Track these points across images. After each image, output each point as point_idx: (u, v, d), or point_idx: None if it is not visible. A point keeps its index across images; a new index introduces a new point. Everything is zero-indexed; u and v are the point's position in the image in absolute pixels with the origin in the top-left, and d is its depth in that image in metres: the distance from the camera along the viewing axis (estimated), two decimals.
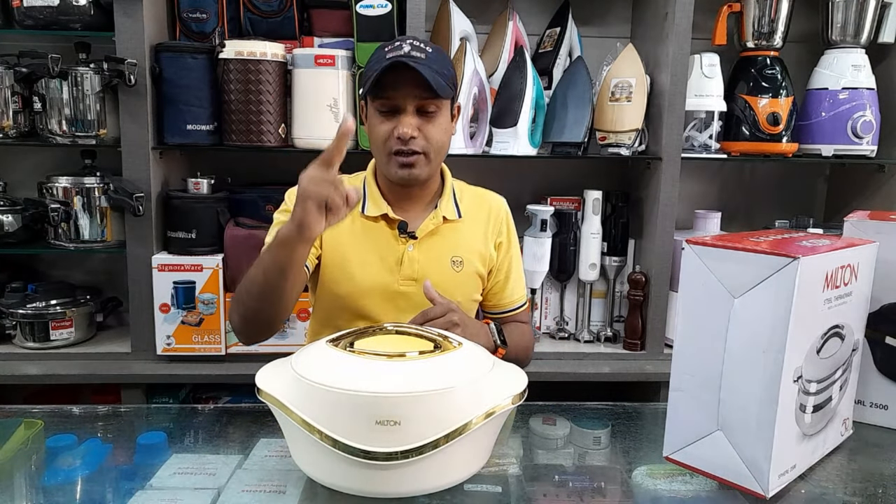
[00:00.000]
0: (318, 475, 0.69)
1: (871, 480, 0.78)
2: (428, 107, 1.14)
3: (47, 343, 1.72)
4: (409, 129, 1.13)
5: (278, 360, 0.76)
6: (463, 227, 1.27)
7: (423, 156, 1.16)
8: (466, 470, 0.70)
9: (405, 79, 1.11)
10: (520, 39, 1.87)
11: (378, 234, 1.23)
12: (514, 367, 0.77)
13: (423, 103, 1.14)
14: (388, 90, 1.13)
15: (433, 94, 1.12)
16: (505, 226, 1.32)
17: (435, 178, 1.26)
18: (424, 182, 1.22)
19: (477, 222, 1.29)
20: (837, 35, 1.83)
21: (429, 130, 1.15)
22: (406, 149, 1.14)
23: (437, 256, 1.24)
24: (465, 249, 1.26)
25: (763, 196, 2.14)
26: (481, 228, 1.29)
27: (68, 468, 0.75)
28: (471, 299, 1.29)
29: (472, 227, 1.28)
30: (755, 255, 0.66)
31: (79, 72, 1.63)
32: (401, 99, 1.13)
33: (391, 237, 1.22)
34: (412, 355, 0.70)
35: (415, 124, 1.14)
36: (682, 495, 0.73)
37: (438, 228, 1.24)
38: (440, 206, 1.24)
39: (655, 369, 1.78)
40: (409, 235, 1.22)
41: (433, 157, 1.18)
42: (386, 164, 1.18)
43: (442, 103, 1.16)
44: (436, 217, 1.23)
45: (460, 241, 1.26)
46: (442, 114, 1.17)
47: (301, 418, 0.65)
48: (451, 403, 0.66)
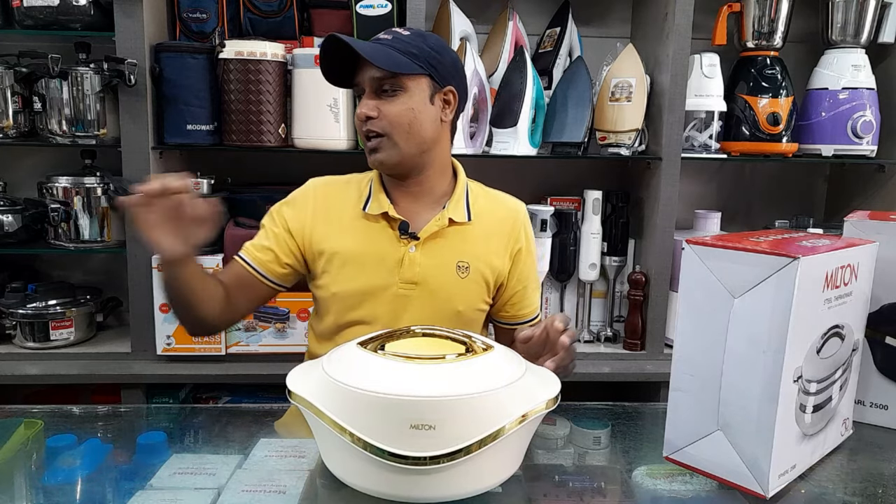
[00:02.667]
0: (348, 478, 0.69)
1: (871, 480, 0.78)
2: (383, 85, 1.09)
3: (47, 343, 1.72)
4: (364, 108, 1.10)
5: (308, 362, 0.75)
6: (473, 232, 1.21)
7: (386, 138, 1.11)
8: (498, 475, 0.70)
9: (362, 60, 1.09)
10: (520, 39, 1.87)
11: (379, 234, 1.18)
12: (547, 371, 0.76)
13: (377, 82, 1.09)
14: (355, 73, 1.12)
15: (382, 70, 1.07)
16: (524, 233, 1.26)
17: (435, 171, 1.20)
18: (397, 166, 1.15)
19: (491, 228, 1.22)
20: (837, 35, 1.83)
21: (388, 110, 1.10)
22: (366, 129, 1.12)
23: (442, 260, 1.18)
24: (473, 255, 1.20)
25: (763, 196, 2.14)
26: (496, 235, 1.22)
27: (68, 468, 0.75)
28: (475, 308, 1.22)
29: (484, 232, 1.21)
30: (755, 255, 0.66)
31: (79, 72, 1.63)
32: (360, 79, 1.12)
33: (392, 237, 1.18)
34: (450, 358, 0.69)
35: (372, 104, 1.10)
36: (682, 495, 0.73)
37: (444, 231, 1.18)
38: (448, 207, 1.18)
39: (655, 369, 1.78)
40: (411, 236, 1.17)
41: (400, 139, 1.11)
42: (366, 151, 1.16)
43: (406, 82, 1.10)
44: (441, 218, 1.18)
45: (468, 246, 1.20)
46: (410, 94, 1.10)
47: (334, 421, 0.65)
48: (487, 408, 0.65)
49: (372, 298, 1.18)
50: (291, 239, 1.20)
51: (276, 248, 1.19)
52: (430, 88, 1.13)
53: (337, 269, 1.18)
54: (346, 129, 1.73)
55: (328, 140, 1.71)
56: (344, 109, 1.71)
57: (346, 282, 1.18)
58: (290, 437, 0.85)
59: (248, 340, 1.72)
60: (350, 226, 1.19)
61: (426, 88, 1.13)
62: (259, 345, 1.72)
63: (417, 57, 1.10)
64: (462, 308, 1.19)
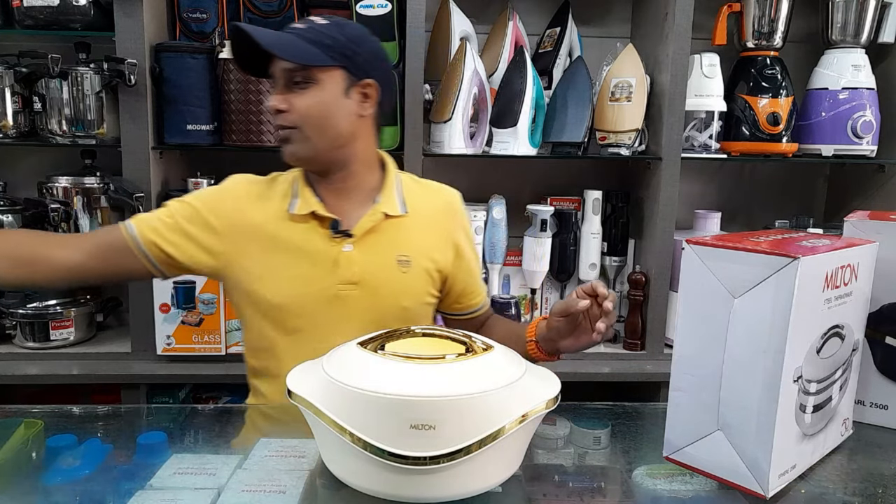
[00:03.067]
0: (348, 479, 0.69)
1: (871, 480, 0.78)
2: (294, 77, 1.06)
3: (47, 343, 1.72)
4: (273, 101, 1.07)
5: (308, 362, 0.75)
6: (410, 224, 1.16)
7: (297, 130, 1.07)
8: (498, 475, 0.69)
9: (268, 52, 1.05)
10: (520, 39, 1.87)
11: (309, 235, 1.12)
12: (547, 371, 0.76)
13: (288, 74, 1.06)
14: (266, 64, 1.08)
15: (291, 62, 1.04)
16: (461, 223, 1.23)
17: (358, 165, 1.14)
18: (310, 161, 1.11)
19: (429, 218, 1.18)
20: (837, 35, 1.83)
21: (298, 103, 1.06)
22: (276, 123, 1.09)
23: (381, 256, 1.13)
24: (414, 248, 1.15)
25: (763, 196, 2.14)
26: (434, 226, 1.19)
27: (68, 468, 0.75)
28: (422, 302, 1.18)
29: (422, 223, 1.17)
30: (755, 255, 0.66)
31: (79, 72, 1.63)
32: (273, 71, 1.08)
33: (324, 237, 1.11)
34: (450, 358, 0.69)
35: (282, 97, 1.06)
36: (682, 495, 0.73)
37: (379, 225, 1.13)
38: (380, 201, 1.14)
39: (655, 369, 1.78)
40: (345, 234, 1.11)
41: (312, 133, 1.07)
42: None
43: (318, 74, 1.05)
44: (375, 213, 1.13)
45: (408, 239, 1.16)
46: (322, 87, 1.06)
47: (334, 421, 0.65)
48: (487, 408, 0.65)
49: (308, 304, 1.12)
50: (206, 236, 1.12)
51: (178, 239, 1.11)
52: (344, 81, 1.08)
53: (267, 277, 1.12)
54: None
55: None
56: None
57: (279, 289, 1.11)
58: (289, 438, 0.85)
59: None
60: (277, 228, 1.12)
61: (340, 81, 1.07)
62: None
63: (331, 48, 1.05)
64: (408, 304, 1.15)
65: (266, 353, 1.15)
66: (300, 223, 1.12)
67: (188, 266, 1.14)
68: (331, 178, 1.14)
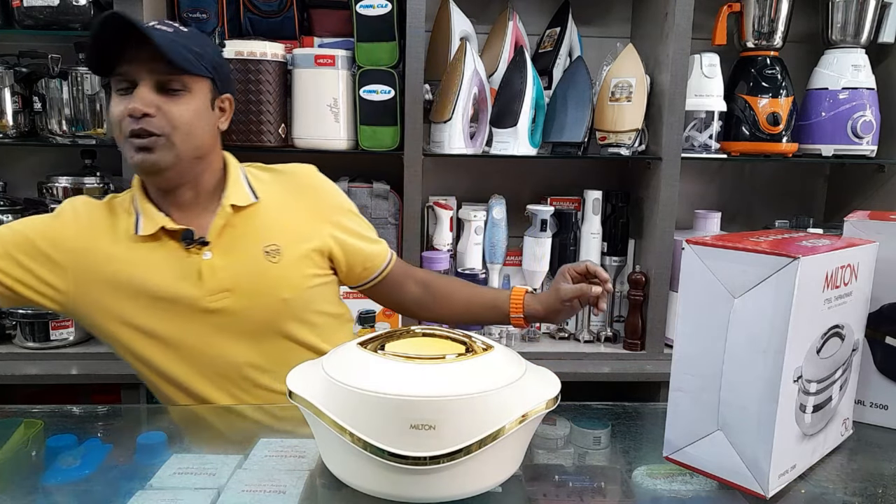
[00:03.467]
0: (348, 479, 0.69)
1: (871, 480, 0.78)
2: (170, 83, 0.99)
3: (47, 343, 1.72)
4: (140, 103, 0.97)
5: (308, 362, 0.75)
6: (267, 210, 1.10)
7: (164, 138, 0.99)
8: (498, 475, 0.70)
9: (142, 50, 0.97)
10: (520, 39, 1.87)
11: (164, 253, 1.05)
12: (547, 371, 0.76)
13: (162, 78, 0.98)
14: (122, 62, 0.98)
15: (173, 66, 0.97)
16: (326, 193, 1.17)
17: (207, 172, 1.09)
18: (169, 171, 1.02)
19: (288, 200, 1.12)
20: (837, 35, 1.83)
21: (171, 110, 0.99)
22: (138, 128, 0.97)
23: (245, 253, 1.07)
24: (279, 234, 1.09)
25: (763, 196, 2.14)
26: (297, 204, 1.13)
27: (68, 468, 0.75)
28: (306, 287, 1.11)
29: (282, 206, 1.11)
30: (755, 255, 0.66)
31: (79, 72, 1.63)
32: (134, 71, 0.98)
33: (179, 251, 1.05)
34: (450, 358, 0.69)
35: (151, 100, 0.98)
36: (682, 495, 0.73)
37: (232, 221, 1.07)
38: (225, 196, 1.07)
39: (655, 369, 1.78)
40: (200, 242, 1.05)
41: (180, 143, 1.00)
42: (125, 151, 1.01)
43: (190, 82, 1.01)
44: (223, 209, 1.06)
45: (269, 227, 1.09)
46: (192, 95, 1.02)
47: (333, 421, 0.65)
48: (487, 408, 0.65)
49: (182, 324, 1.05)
50: (47, 272, 1.04)
51: (12, 269, 1.02)
52: (210, 93, 1.06)
53: (128, 309, 1.05)
54: (347, 130, 1.73)
55: (328, 140, 1.72)
56: (344, 109, 1.72)
57: (144, 318, 1.05)
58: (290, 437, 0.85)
59: None
60: (128, 253, 1.05)
61: (208, 92, 1.05)
62: None
63: (202, 57, 1.02)
64: (289, 295, 1.09)
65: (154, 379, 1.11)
66: (151, 242, 1.05)
67: (30, 299, 1.05)
68: (178, 191, 1.07)
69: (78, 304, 1.07)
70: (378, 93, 1.71)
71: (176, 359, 1.08)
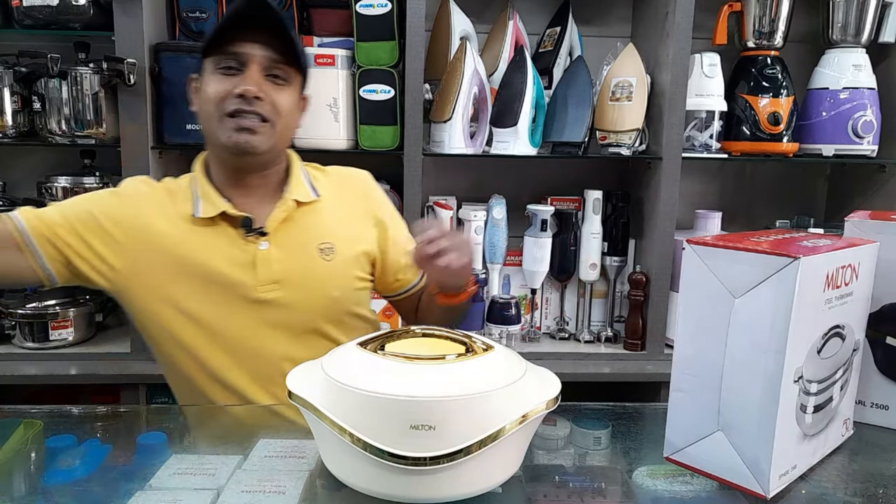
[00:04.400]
0: (348, 479, 0.69)
1: (872, 481, 0.78)
2: (279, 70, 1.02)
3: (46, 343, 1.71)
4: (253, 86, 0.99)
5: (308, 362, 0.75)
6: (325, 209, 1.12)
7: (269, 124, 1.01)
8: (498, 476, 0.69)
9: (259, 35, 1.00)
10: (520, 39, 1.87)
11: (220, 239, 1.05)
12: (547, 372, 0.76)
13: (274, 65, 1.01)
14: (236, 43, 0.99)
15: (289, 54, 1.01)
16: (376, 198, 1.19)
17: (277, 163, 1.11)
18: (262, 157, 1.05)
19: (343, 201, 1.14)
20: (838, 35, 1.83)
21: (277, 97, 1.02)
22: (248, 109, 0.99)
23: (301, 248, 1.08)
24: (334, 234, 1.10)
25: (764, 196, 2.14)
26: (351, 207, 1.15)
27: (67, 468, 0.75)
28: (353, 288, 1.13)
29: (337, 206, 1.13)
30: (756, 255, 0.66)
31: (78, 71, 1.63)
32: (250, 53, 1.00)
33: (237, 238, 1.06)
34: (450, 358, 0.69)
35: (261, 85, 1.00)
36: (683, 496, 0.73)
37: (292, 215, 1.08)
38: (288, 190, 1.09)
39: (656, 369, 1.78)
40: (258, 232, 1.06)
41: (280, 130, 1.04)
42: (217, 130, 1.01)
43: (291, 75, 1.04)
44: (285, 202, 1.08)
45: (325, 226, 1.11)
46: (292, 87, 1.05)
47: (333, 422, 0.65)
48: (487, 408, 0.65)
49: (229, 314, 1.04)
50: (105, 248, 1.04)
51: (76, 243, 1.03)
52: (300, 88, 1.10)
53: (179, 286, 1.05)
54: (346, 129, 1.73)
55: (328, 140, 1.71)
56: (344, 109, 1.71)
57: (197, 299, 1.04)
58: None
59: None
60: (184, 235, 1.05)
61: (299, 87, 1.09)
62: None
63: (302, 55, 1.06)
64: (337, 294, 1.10)
65: (190, 369, 1.08)
66: (208, 226, 1.06)
67: (85, 274, 1.05)
68: (248, 177, 1.08)
69: (129, 283, 1.06)
70: (378, 92, 1.71)
71: (216, 347, 1.07)
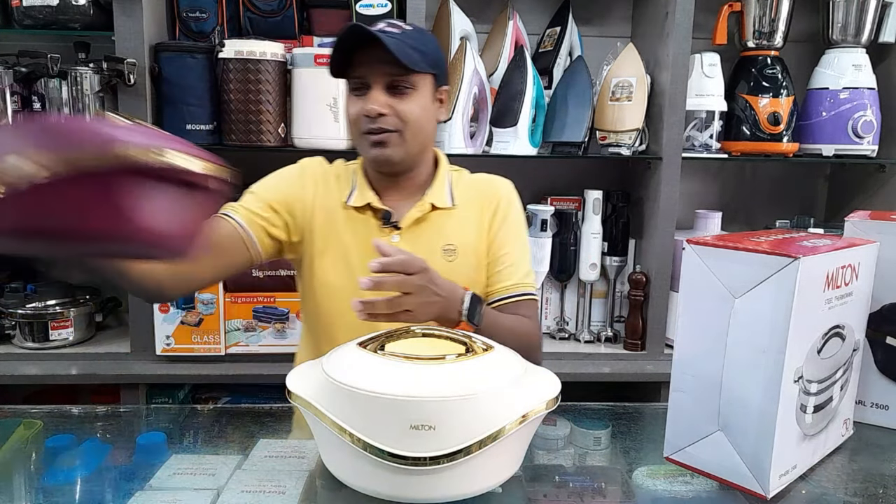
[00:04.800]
0: (348, 479, 0.69)
1: (872, 481, 0.78)
2: (399, 82, 1.08)
3: (46, 343, 1.71)
4: (375, 104, 1.07)
5: (307, 362, 0.75)
6: (457, 216, 1.19)
7: (397, 134, 1.10)
8: (498, 476, 0.69)
9: (372, 54, 1.06)
10: (520, 39, 1.87)
11: (363, 226, 1.16)
12: (547, 371, 0.76)
13: (393, 79, 1.08)
14: (356, 66, 1.09)
15: (402, 67, 1.05)
16: (499, 206, 1.21)
17: (423, 164, 1.19)
18: (401, 163, 1.14)
19: (471, 209, 1.20)
20: (838, 35, 1.83)
21: (402, 108, 1.09)
22: (375, 127, 1.08)
23: (426, 246, 1.14)
24: (459, 238, 1.17)
25: (764, 196, 2.14)
26: (475, 213, 1.20)
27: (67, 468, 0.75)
28: None
29: (466, 214, 1.20)
30: (756, 255, 0.66)
31: (78, 71, 1.62)
32: (368, 74, 1.08)
33: (375, 228, 1.16)
34: (450, 358, 0.69)
35: (383, 101, 1.08)
36: (683, 496, 0.73)
37: (426, 216, 1.17)
38: (428, 194, 1.17)
39: (656, 369, 1.78)
40: (393, 226, 1.15)
41: (409, 137, 1.11)
42: (360, 146, 1.13)
43: (417, 80, 1.10)
44: (423, 204, 1.16)
45: (453, 230, 1.18)
46: (419, 92, 1.10)
47: (333, 422, 0.65)
48: (487, 408, 0.65)
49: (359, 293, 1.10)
50: (288, 213, 1.16)
51: (270, 216, 1.15)
52: (432, 87, 1.14)
53: (326, 259, 1.16)
54: (346, 129, 1.73)
55: (328, 140, 1.71)
56: (344, 109, 1.71)
57: (336, 273, 1.15)
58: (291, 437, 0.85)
59: (248, 341, 1.72)
60: (336, 216, 1.17)
61: (430, 87, 1.13)
62: (258, 345, 1.72)
63: (426, 55, 1.10)
64: None
65: (324, 337, 1.17)
66: (357, 213, 1.17)
67: (285, 250, 1.18)
68: (396, 178, 1.17)
69: (303, 250, 1.18)
70: None
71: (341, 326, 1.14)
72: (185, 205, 0.61)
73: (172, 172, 0.58)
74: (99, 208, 0.57)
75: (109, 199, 0.56)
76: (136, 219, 0.58)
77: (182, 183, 0.60)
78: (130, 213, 0.57)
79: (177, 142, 0.60)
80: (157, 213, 0.59)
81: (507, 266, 1.20)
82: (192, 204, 0.62)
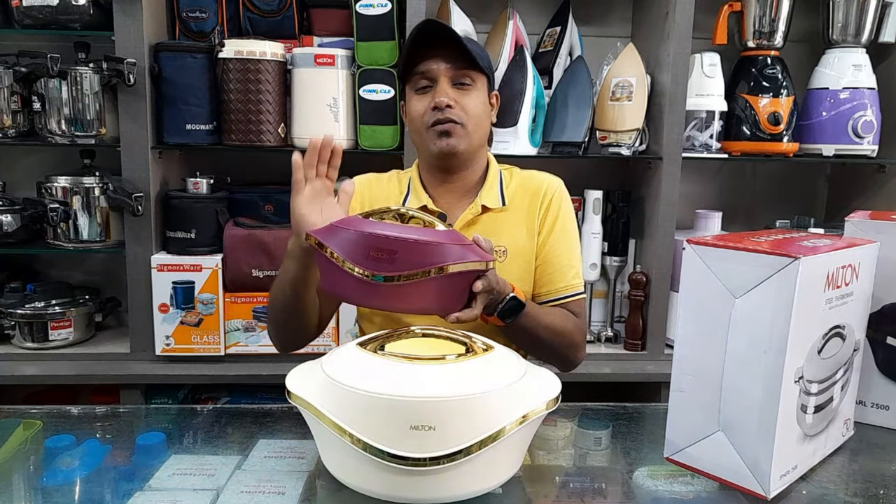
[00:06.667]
0: (348, 480, 0.68)
1: (873, 481, 0.78)
2: (463, 78, 1.14)
3: (46, 343, 1.71)
4: (444, 97, 1.12)
5: (307, 363, 0.75)
6: (508, 217, 1.21)
7: (461, 126, 1.14)
8: (499, 476, 0.69)
9: (438, 51, 1.12)
10: (520, 39, 1.87)
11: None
12: (547, 372, 0.76)
13: (458, 74, 1.13)
14: (423, 62, 1.14)
15: (468, 62, 1.12)
16: (549, 206, 1.21)
17: (478, 161, 1.23)
18: (464, 155, 1.17)
19: (521, 208, 1.21)
20: (838, 35, 1.83)
21: (465, 102, 1.14)
22: (443, 117, 1.12)
23: None
24: (509, 239, 1.19)
25: (764, 196, 2.14)
26: (525, 214, 1.21)
27: (67, 469, 0.75)
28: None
29: (517, 214, 1.21)
30: (756, 255, 0.66)
31: (78, 71, 1.62)
32: (435, 68, 1.13)
33: None
34: (450, 358, 0.69)
35: (451, 94, 1.13)
36: (684, 496, 0.73)
37: (477, 218, 1.19)
38: (480, 195, 1.20)
39: (656, 370, 1.78)
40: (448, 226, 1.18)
41: (472, 130, 1.15)
42: (425, 140, 1.16)
43: (477, 78, 1.15)
44: (475, 206, 1.19)
45: (503, 230, 1.19)
46: (478, 90, 1.16)
47: (333, 422, 0.64)
48: (487, 408, 0.65)
49: None
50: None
51: None
52: (487, 89, 1.19)
53: None
54: (346, 129, 1.73)
55: None
56: (344, 109, 1.71)
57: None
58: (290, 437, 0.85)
59: (247, 341, 1.72)
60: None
61: (486, 88, 1.18)
62: (258, 345, 1.72)
63: (482, 58, 1.16)
64: None
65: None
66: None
67: None
68: (451, 177, 1.21)
69: None
70: (378, 92, 1.71)
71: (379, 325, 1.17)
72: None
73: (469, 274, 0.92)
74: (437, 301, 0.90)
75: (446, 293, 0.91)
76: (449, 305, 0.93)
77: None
78: (452, 302, 0.92)
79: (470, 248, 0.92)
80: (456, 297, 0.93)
81: (557, 269, 1.20)
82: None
